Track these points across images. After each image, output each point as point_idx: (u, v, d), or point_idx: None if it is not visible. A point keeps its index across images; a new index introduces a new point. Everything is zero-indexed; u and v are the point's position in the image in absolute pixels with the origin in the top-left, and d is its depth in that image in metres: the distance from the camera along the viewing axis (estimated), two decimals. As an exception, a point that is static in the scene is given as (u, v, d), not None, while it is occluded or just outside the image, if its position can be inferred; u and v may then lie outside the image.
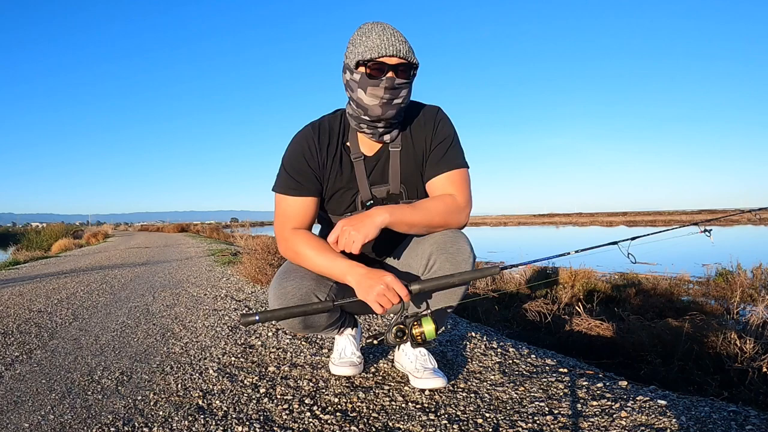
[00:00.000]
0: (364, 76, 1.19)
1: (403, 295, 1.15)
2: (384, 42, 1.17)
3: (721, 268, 5.87)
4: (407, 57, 1.18)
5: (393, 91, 1.19)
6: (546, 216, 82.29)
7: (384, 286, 1.15)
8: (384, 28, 1.19)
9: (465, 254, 1.27)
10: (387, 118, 1.24)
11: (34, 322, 2.85)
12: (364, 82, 1.20)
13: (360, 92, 1.22)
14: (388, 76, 1.18)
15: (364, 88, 1.20)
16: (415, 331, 1.19)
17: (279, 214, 1.36)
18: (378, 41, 1.17)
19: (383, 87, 1.18)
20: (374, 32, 1.18)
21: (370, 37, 1.18)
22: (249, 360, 1.88)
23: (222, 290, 3.82)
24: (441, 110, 1.37)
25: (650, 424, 1.17)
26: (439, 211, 1.26)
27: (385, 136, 1.30)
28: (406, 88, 1.22)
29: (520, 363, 1.74)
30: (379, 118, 1.23)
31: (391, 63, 1.18)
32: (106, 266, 6.61)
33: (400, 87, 1.20)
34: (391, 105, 1.21)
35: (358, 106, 1.25)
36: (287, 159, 1.34)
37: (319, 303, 1.22)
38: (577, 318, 3.14)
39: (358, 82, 1.21)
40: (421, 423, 1.25)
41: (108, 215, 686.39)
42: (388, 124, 1.27)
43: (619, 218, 57.90)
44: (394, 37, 1.18)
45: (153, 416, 1.38)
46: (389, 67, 1.18)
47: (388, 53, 1.16)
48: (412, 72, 1.22)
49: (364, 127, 1.28)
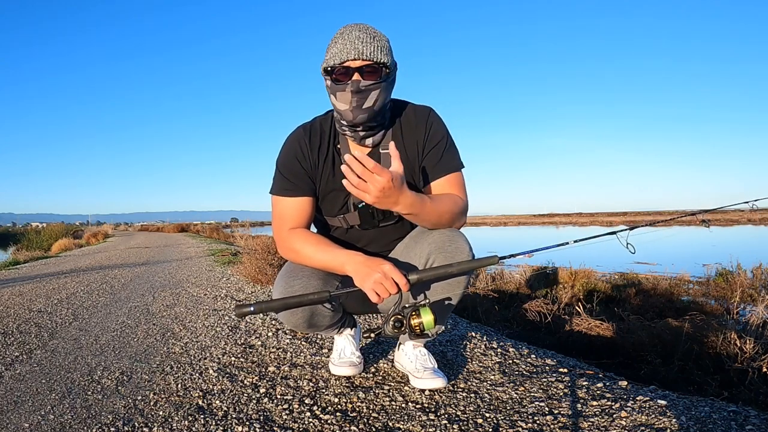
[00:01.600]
0: (332, 82, 1.20)
1: (401, 284, 1.14)
2: (347, 46, 1.16)
3: (721, 268, 5.88)
4: (372, 57, 1.16)
5: (360, 94, 1.18)
6: (546, 216, 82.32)
7: (381, 274, 1.13)
8: (351, 31, 1.18)
9: (464, 253, 1.27)
10: (360, 122, 1.23)
11: (34, 322, 2.85)
12: (333, 88, 1.21)
13: (332, 98, 1.23)
14: (354, 80, 1.17)
15: (335, 94, 1.21)
16: (414, 321, 1.16)
17: (276, 216, 1.36)
18: (341, 46, 1.17)
19: (350, 91, 1.18)
20: (341, 37, 1.18)
21: (336, 44, 1.18)
22: (249, 360, 1.88)
23: (222, 290, 3.82)
24: (433, 111, 1.35)
25: (650, 424, 1.17)
26: (449, 208, 1.27)
27: (366, 140, 1.29)
28: (376, 90, 1.19)
29: (520, 363, 1.74)
30: (352, 123, 1.23)
31: (355, 66, 1.17)
32: (106, 266, 6.61)
33: (368, 89, 1.18)
34: (362, 109, 1.20)
35: (336, 111, 1.26)
36: (281, 161, 1.35)
37: (315, 294, 1.20)
38: (577, 318, 3.14)
39: (329, 89, 1.23)
40: (421, 423, 1.25)
41: (108, 215, 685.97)
42: (367, 127, 1.26)
43: (619, 218, 57.91)
44: (359, 39, 1.16)
45: (153, 416, 1.38)
46: (353, 70, 1.17)
47: (350, 57, 1.15)
48: (384, 71, 1.19)
49: (346, 131, 1.29)
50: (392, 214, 1.35)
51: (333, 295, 1.20)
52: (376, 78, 1.18)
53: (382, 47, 1.18)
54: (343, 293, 1.22)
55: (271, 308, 1.21)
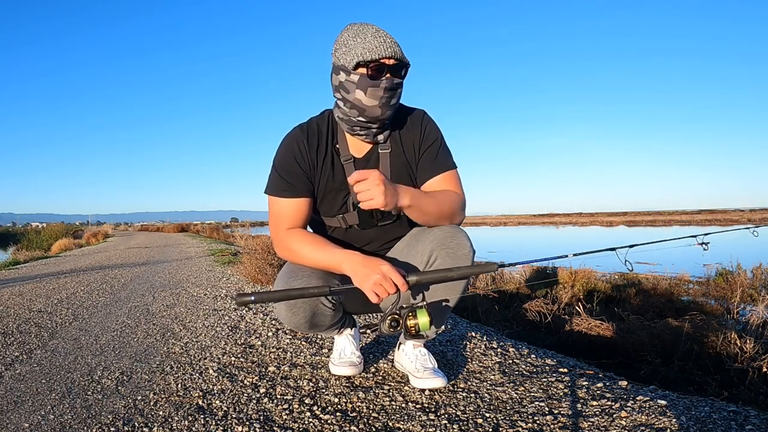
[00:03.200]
0: (364, 78, 1.20)
1: (399, 285, 1.14)
2: (382, 44, 1.18)
3: (721, 268, 5.87)
4: (402, 58, 1.20)
5: (391, 91, 1.22)
6: (546, 216, 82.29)
7: (380, 275, 1.14)
8: (377, 29, 1.21)
9: (465, 249, 1.28)
10: (384, 118, 1.26)
11: (34, 322, 2.85)
12: (363, 83, 1.20)
13: (359, 93, 1.22)
14: (387, 77, 1.20)
15: (364, 89, 1.21)
16: (410, 322, 1.17)
17: (273, 216, 1.36)
18: (376, 42, 1.18)
19: (383, 87, 1.20)
20: (369, 33, 1.19)
21: (366, 39, 1.19)
22: (249, 360, 1.88)
23: (222, 290, 3.82)
24: (426, 114, 1.40)
25: (650, 424, 1.17)
26: (449, 204, 1.30)
27: (378, 136, 1.33)
28: (400, 88, 1.25)
29: (520, 363, 1.74)
30: (377, 118, 1.25)
31: (389, 64, 1.19)
32: (106, 266, 6.61)
33: (397, 87, 1.23)
34: (389, 105, 1.24)
35: (353, 108, 1.25)
36: (278, 161, 1.35)
37: (316, 288, 1.19)
38: (577, 318, 3.14)
39: (356, 83, 1.21)
40: (421, 423, 1.25)
41: (108, 215, 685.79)
42: (382, 124, 1.29)
43: (619, 218, 57.89)
44: (389, 38, 1.20)
45: (153, 416, 1.39)
46: (387, 67, 1.20)
47: (387, 54, 1.17)
48: (406, 72, 1.24)
49: (357, 129, 1.29)
50: (390, 214, 1.36)
51: (333, 291, 1.20)
52: (401, 78, 1.24)
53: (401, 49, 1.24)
54: (343, 289, 1.22)
55: (272, 299, 1.20)
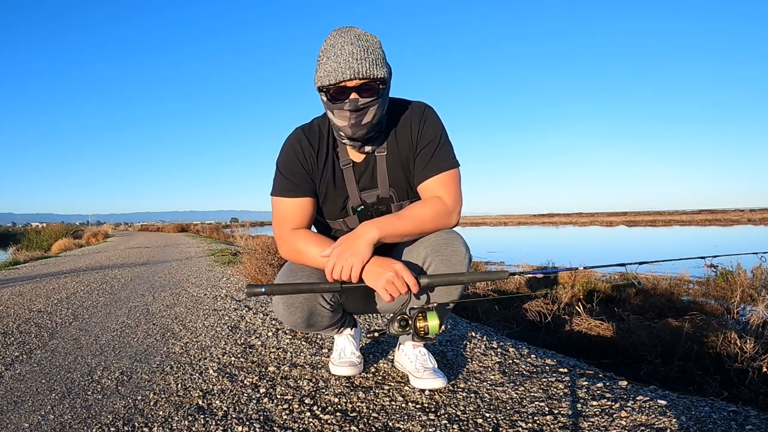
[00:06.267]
0: (329, 101, 1.18)
1: (411, 285, 1.14)
2: (341, 64, 1.11)
3: (721, 268, 5.87)
4: (369, 75, 1.12)
5: (358, 112, 1.17)
6: (546, 216, 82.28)
7: (393, 273, 1.13)
8: (343, 45, 1.12)
9: (460, 255, 1.27)
10: (358, 138, 1.22)
11: (34, 322, 2.85)
12: (329, 105, 1.19)
13: (329, 113, 1.21)
14: (351, 98, 1.14)
15: (332, 111, 1.20)
16: (419, 324, 1.17)
17: (277, 217, 1.36)
18: (335, 64, 1.11)
19: (347, 110, 1.16)
20: (333, 51, 1.13)
21: (329, 59, 1.13)
22: (249, 360, 1.88)
23: (222, 290, 3.82)
24: (428, 108, 1.32)
25: (650, 424, 1.17)
26: (428, 217, 1.25)
27: (365, 147, 1.29)
28: (374, 106, 1.17)
29: (520, 363, 1.74)
30: (351, 137, 1.22)
31: (351, 86, 1.13)
32: (106, 266, 6.61)
33: (366, 106, 1.16)
34: (361, 126, 1.19)
35: (334, 126, 1.24)
36: (281, 161, 1.34)
37: (326, 283, 1.20)
38: (577, 318, 3.14)
39: (325, 104, 1.21)
40: (421, 423, 1.25)
41: (108, 215, 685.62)
42: (363, 139, 1.24)
43: (620, 218, 57.85)
44: (352, 56, 1.11)
45: (153, 416, 1.38)
46: (350, 89, 1.14)
47: (346, 77, 1.11)
48: (380, 87, 1.17)
49: (345, 141, 1.27)
50: None
51: (344, 286, 1.19)
52: (373, 95, 1.16)
53: (376, 59, 1.14)
54: (354, 286, 1.21)
55: (283, 291, 1.20)
